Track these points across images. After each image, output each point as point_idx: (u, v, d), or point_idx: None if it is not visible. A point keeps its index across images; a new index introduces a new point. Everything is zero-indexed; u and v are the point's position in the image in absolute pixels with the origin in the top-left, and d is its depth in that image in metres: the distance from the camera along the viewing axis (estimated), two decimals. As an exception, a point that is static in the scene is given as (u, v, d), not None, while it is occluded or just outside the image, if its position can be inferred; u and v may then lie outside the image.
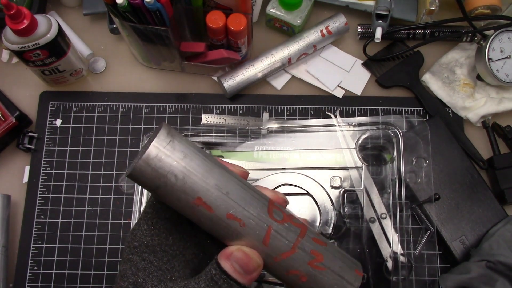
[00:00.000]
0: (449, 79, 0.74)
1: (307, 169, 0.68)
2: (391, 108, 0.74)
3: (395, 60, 0.76)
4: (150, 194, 0.68)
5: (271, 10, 0.74)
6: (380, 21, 0.73)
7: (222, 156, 0.69)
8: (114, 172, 0.71)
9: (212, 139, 0.70)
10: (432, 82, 0.74)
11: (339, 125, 0.70)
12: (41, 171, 0.71)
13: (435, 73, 0.75)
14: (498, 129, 0.72)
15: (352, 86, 0.75)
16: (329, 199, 0.66)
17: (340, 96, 0.75)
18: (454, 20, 0.74)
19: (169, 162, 0.34)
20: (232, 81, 0.72)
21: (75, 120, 0.74)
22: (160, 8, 0.59)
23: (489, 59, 0.70)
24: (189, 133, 0.70)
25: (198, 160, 0.35)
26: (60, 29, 0.65)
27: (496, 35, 0.70)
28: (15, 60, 0.77)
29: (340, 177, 0.68)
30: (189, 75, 0.76)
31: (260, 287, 0.64)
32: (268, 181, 0.67)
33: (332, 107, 0.74)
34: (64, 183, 0.71)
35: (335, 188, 0.67)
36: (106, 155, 0.72)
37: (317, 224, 0.66)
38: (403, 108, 0.74)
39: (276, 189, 0.67)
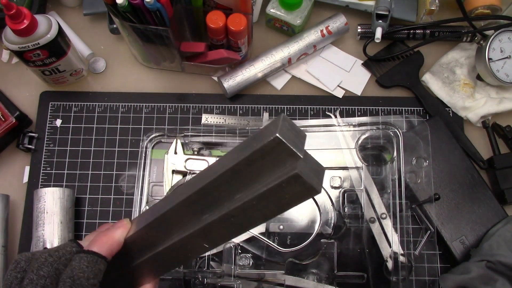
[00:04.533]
0: (449, 79, 0.74)
1: (307, 169, 0.68)
2: (391, 108, 0.74)
3: (395, 60, 0.76)
4: (149, 195, 0.68)
5: (271, 10, 0.74)
6: (380, 21, 0.73)
7: (222, 156, 0.69)
8: (114, 172, 0.71)
9: (212, 139, 0.70)
10: (432, 82, 0.74)
11: (339, 125, 0.70)
12: (41, 171, 0.71)
13: (435, 73, 0.75)
14: (498, 129, 0.72)
15: (352, 86, 0.75)
16: (329, 199, 0.66)
17: (340, 96, 0.75)
18: (454, 20, 0.74)
19: None
20: (232, 81, 0.72)
21: (75, 120, 0.74)
22: (160, 8, 0.59)
23: (489, 59, 0.70)
24: (189, 133, 0.70)
25: None
26: (60, 29, 0.65)
27: (496, 35, 0.70)
28: (15, 60, 0.77)
29: (340, 177, 0.68)
30: (189, 75, 0.76)
31: (260, 287, 0.64)
32: (268, 181, 0.67)
33: (332, 107, 0.74)
34: (64, 183, 0.71)
35: (335, 188, 0.67)
36: (106, 155, 0.72)
37: (317, 224, 0.66)
38: (403, 108, 0.74)
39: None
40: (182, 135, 0.70)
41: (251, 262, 0.65)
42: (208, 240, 0.43)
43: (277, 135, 0.35)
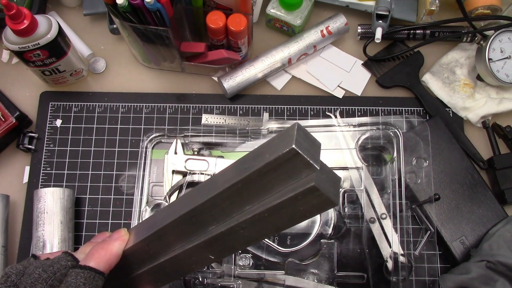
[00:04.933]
0: (449, 79, 0.74)
1: (307, 169, 0.68)
2: (391, 108, 0.74)
3: (395, 60, 0.76)
4: (149, 195, 0.68)
5: (271, 10, 0.74)
6: (380, 21, 0.73)
7: (222, 157, 0.69)
8: (114, 173, 0.71)
9: (212, 139, 0.70)
10: (432, 82, 0.74)
11: (339, 126, 0.70)
12: (41, 172, 0.71)
13: (435, 73, 0.75)
14: (498, 129, 0.72)
15: (352, 87, 0.75)
16: (329, 199, 0.66)
17: (340, 97, 0.75)
18: (454, 20, 0.74)
19: None
20: (232, 81, 0.72)
21: (75, 120, 0.74)
22: (160, 8, 0.59)
23: (489, 59, 0.70)
24: (189, 133, 0.70)
25: None
26: (60, 29, 0.65)
27: (496, 35, 0.70)
28: (15, 60, 0.77)
29: (340, 178, 0.67)
30: (189, 75, 0.76)
31: (260, 287, 0.64)
32: (268, 181, 0.67)
33: (332, 107, 0.74)
34: (64, 183, 0.71)
35: (335, 188, 0.67)
36: (106, 155, 0.72)
37: (317, 224, 0.66)
38: (403, 108, 0.74)
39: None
40: (182, 135, 0.70)
41: (251, 262, 0.65)
42: (214, 251, 0.42)
43: (294, 146, 0.33)
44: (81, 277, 0.39)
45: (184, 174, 0.68)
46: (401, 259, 0.63)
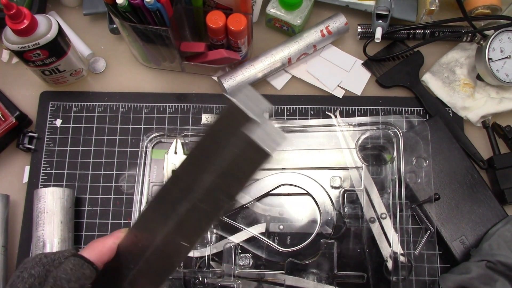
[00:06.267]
0: (449, 79, 0.74)
1: (307, 169, 0.68)
2: (391, 108, 0.74)
3: (395, 60, 0.76)
4: (149, 195, 0.68)
5: (271, 10, 0.74)
6: (380, 21, 0.73)
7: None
8: (114, 172, 0.71)
9: (212, 139, 0.70)
10: (432, 82, 0.74)
11: (339, 125, 0.70)
12: (41, 171, 0.71)
13: (435, 73, 0.75)
14: (498, 129, 0.72)
15: (352, 86, 0.75)
16: (329, 199, 0.66)
17: (340, 96, 0.75)
18: (454, 20, 0.74)
19: None
20: (232, 81, 0.72)
21: (75, 120, 0.74)
22: (160, 8, 0.59)
23: (489, 59, 0.70)
24: (189, 133, 0.70)
25: None
26: (60, 29, 0.65)
27: (496, 35, 0.70)
28: (15, 60, 0.77)
29: (340, 177, 0.68)
30: (189, 75, 0.76)
31: (260, 287, 0.64)
32: (268, 181, 0.67)
33: (332, 107, 0.74)
34: (64, 183, 0.71)
35: (335, 188, 0.67)
36: (106, 155, 0.72)
37: (317, 224, 0.66)
38: (403, 108, 0.74)
39: (276, 189, 0.67)
40: (182, 135, 0.70)
41: (251, 262, 0.65)
42: (184, 235, 0.44)
43: (226, 95, 0.36)
44: (70, 263, 0.42)
45: (184, 174, 0.68)
46: (401, 258, 0.63)
